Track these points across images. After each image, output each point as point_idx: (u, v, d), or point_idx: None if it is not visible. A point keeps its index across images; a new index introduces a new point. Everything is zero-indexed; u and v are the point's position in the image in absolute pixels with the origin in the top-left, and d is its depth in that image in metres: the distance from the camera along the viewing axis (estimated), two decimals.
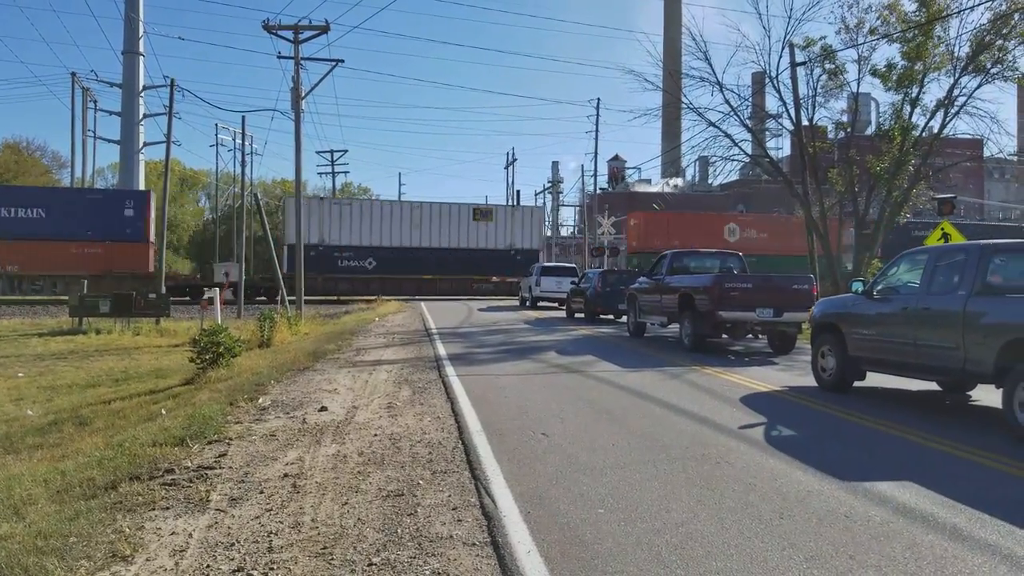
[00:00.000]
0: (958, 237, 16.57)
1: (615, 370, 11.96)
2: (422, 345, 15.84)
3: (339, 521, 4.62)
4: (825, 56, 25.92)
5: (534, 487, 5.32)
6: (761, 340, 16.26)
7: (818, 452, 6.46)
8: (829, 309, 10.45)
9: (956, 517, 4.68)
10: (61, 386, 13.53)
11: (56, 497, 5.53)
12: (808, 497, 5.08)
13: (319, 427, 7.44)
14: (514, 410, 8.36)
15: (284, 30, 25.55)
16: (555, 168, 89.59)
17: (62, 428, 9.81)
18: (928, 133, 25.94)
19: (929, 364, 8.31)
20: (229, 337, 13.03)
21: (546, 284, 32.16)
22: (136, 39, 47.09)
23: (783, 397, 9.51)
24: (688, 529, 4.45)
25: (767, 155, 30.10)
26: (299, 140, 26.71)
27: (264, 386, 10.21)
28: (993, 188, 76.56)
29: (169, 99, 29.58)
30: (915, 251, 9.60)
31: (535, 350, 15.01)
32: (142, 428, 8.18)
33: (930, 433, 7.21)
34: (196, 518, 4.69)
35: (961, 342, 7.71)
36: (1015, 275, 8.07)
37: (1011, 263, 8.19)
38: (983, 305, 7.57)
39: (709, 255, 19.03)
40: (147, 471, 5.85)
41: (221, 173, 73.76)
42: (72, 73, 49.84)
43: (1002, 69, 24.24)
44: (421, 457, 6.22)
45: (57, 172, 72.12)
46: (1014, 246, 8.66)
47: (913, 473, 5.68)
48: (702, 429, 7.40)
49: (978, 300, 7.64)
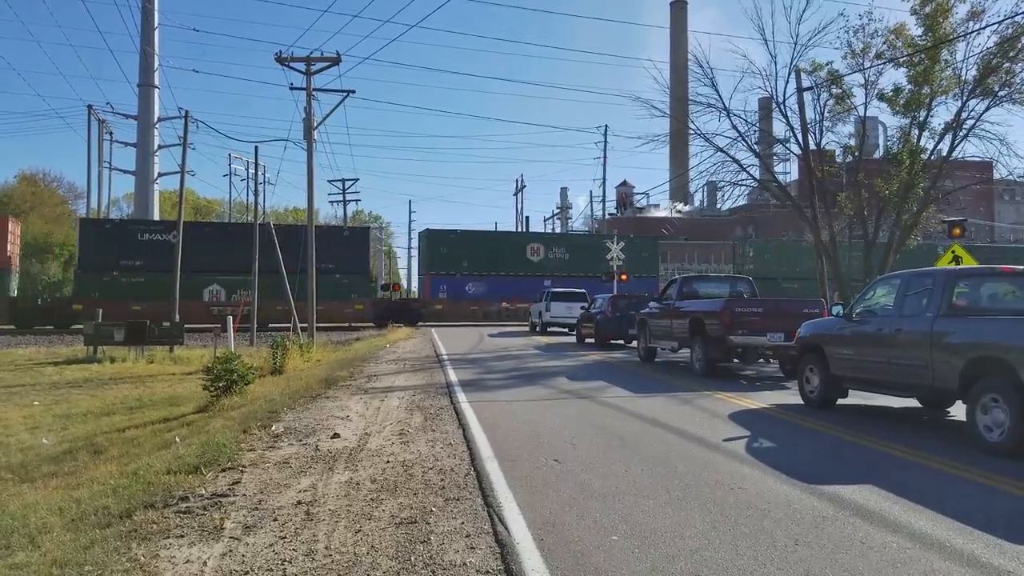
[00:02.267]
0: (969, 260, 16.53)
1: (626, 396, 11.94)
2: (433, 371, 15.85)
3: (352, 549, 4.63)
4: (832, 81, 26.08)
5: (547, 514, 5.32)
6: (773, 364, 16.19)
7: (831, 476, 6.43)
8: (813, 331, 11.02)
9: (973, 544, 4.65)
10: (76, 414, 13.60)
11: (71, 525, 5.56)
12: (823, 523, 5.05)
13: (332, 454, 7.46)
14: (526, 436, 8.36)
15: (296, 62, 25.93)
16: (563, 194, 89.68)
17: (77, 456, 9.85)
18: (937, 156, 26.02)
19: (902, 382, 8.88)
20: (242, 364, 13.09)
21: (556, 309, 32.14)
22: (151, 72, 47.89)
23: (794, 421, 9.47)
24: (703, 556, 4.43)
25: (775, 180, 30.16)
26: (311, 169, 26.99)
27: (277, 413, 10.24)
28: (1004, 210, 76.30)
29: (184, 130, 30.07)
30: (889, 276, 10.33)
31: (546, 376, 15.00)
32: (156, 456, 8.21)
33: (945, 457, 7.17)
34: (210, 546, 4.71)
35: (929, 360, 8.22)
36: (978, 298, 8.65)
37: (975, 287, 8.76)
38: (948, 326, 8.10)
39: (719, 279, 19.03)
40: (161, 499, 5.88)
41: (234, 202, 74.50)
42: (88, 106, 50.63)
43: (1010, 92, 24.34)
44: (434, 484, 6.22)
45: (73, 203, 73.10)
46: (977, 272, 9.39)
47: (932, 500, 5.64)
48: (714, 455, 7.38)
49: (944, 321, 8.18)
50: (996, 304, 8.60)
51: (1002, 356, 7.23)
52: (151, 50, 46.65)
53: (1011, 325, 7.59)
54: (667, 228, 64.03)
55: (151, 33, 47.39)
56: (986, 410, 7.40)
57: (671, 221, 69.91)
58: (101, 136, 52.23)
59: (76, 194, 72.41)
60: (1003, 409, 7.15)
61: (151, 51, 46.59)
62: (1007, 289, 8.80)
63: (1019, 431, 6.95)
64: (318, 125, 26.70)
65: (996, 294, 8.74)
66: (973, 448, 7.48)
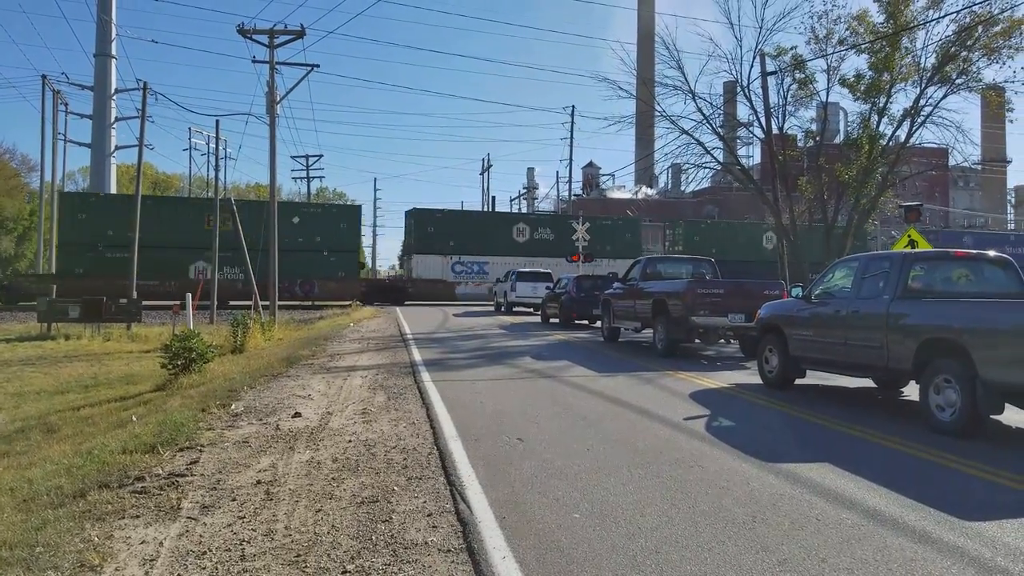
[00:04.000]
0: (924, 244, 16.89)
1: (589, 375, 12.01)
2: (397, 351, 15.78)
3: (313, 528, 4.59)
4: (795, 66, 26.36)
5: (509, 492, 5.33)
6: (733, 344, 16.42)
7: (789, 455, 6.54)
8: (773, 312, 11.22)
9: (925, 521, 4.77)
10: (28, 393, 13.29)
11: (22, 506, 5.43)
12: (780, 501, 5.14)
13: (293, 433, 7.39)
14: (489, 415, 8.36)
15: (259, 34, 25.37)
16: (530, 174, 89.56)
17: (29, 435, 9.63)
18: (895, 142, 26.48)
19: (858, 362, 9.07)
20: (201, 343, 12.88)
21: (521, 289, 32.17)
22: (108, 41, 46.49)
23: (754, 401, 9.61)
24: (663, 533, 4.48)
25: (738, 163, 30.46)
26: (274, 144, 26.52)
27: (237, 392, 10.10)
28: (958, 196, 78.12)
29: (142, 102, 29.29)
30: (848, 258, 10.46)
31: (510, 355, 15.02)
32: (112, 435, 8.06)
33: (898, 436, 7.34)
34: (167, 526, 4.64)
35: (885, 341, 8.41)
36: (933, 281, 8.81)
37: (929, 271, 8.92)
38: (904, 308, 8.28)
39: (682, 260, 19.18)
40: (117, 479, 5.77)
41: (194, 177, 73.03)
42: (42, 75, 48.83)
43: (967, 80, 24.84)
44: (396, 463, 6.19)
45: (27, 176, 70.97)
46: (933, 255, 9.59)
47: (886, 478, 5.77)
48: (675, 433, 7.46)
49: (899, 303, 8.37)
50: (950, 287, 8.79)
51: (955, 338, 7.39)
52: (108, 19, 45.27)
53: (964, 308, 7.77)
54: (632, 210, 64.35)
55: (108, 1, 45.97)
56: (939, 390, 7.58)
57: (636, 203, 70.28)
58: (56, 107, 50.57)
59: (29, 167, 70.24)
60: (955, 389, 7.33)
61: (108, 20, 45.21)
62: (961, 273, 9.00)
63: (970, 411, 7.14)
64: (281, 100, 26.24)
65: (950, 277, 8.93)
66: (926, 428, 7.67)
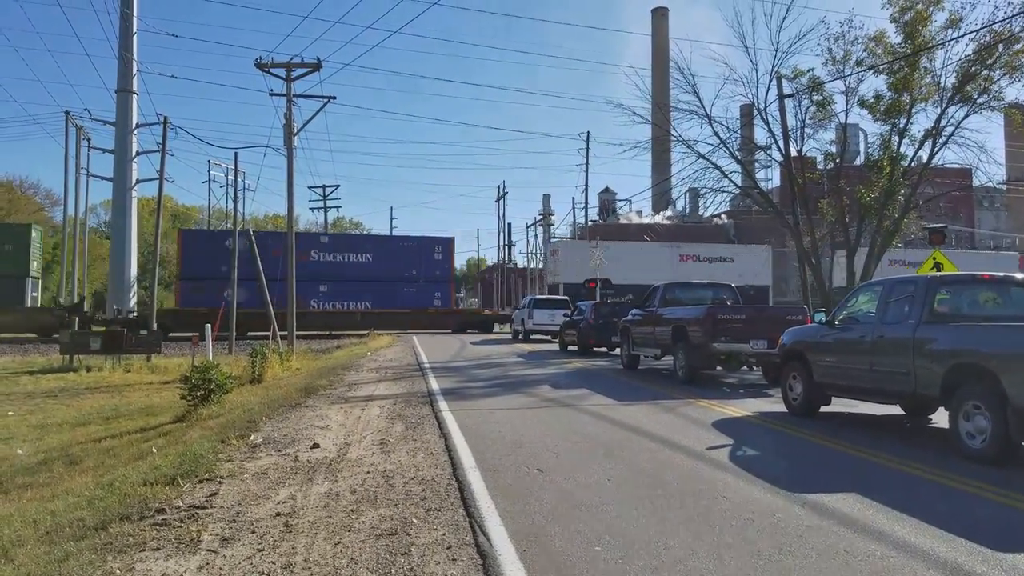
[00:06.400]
0: (950, 267, 16.68)
1: (609, 404, 11.90)
2: (414, 380, 15.75)
3: (332, 561, 4.54)
4: (813, 88, 26.26)
5: (529, 524, 5.25)
6: (756, 371, 16.23)
7: (815, 484, 6.42)
8: (796, 338, 11.01)
9: (956, 552, 4.64)
10: (51, 424, 13.39)
11: (45, 538, 5.44)
12: (807, 532, 5.03)
13: (311, 464, 7.36)
14: (508, 445, 8.29)
15: (276, 68, 25.79)
16: (546, 201, 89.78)
17: (52, 467, 9.69)
18: (917, 163, 26.21)
19: (885, 388, 8.87)
20: (220, 374, 12.94)
21: (539, 317, 32.12)
22: (130, 77, 47.33)
23: (778, 429, 9.47)
24: (687, 566, 4.39)
25: (757, 186, 30.34)
26: (291, 176, 26.80)
27: (255, 423, 10.11)
28: (983, 217, 77.26)
29: (162, 137, 29.77)
30: (872, 283, 10.36)
31: (528, 384, 14.94)
32: (132, 467, 8.08)
33: (927, 465, 7.19)
34: (187, 559, 4.61)
35: (912, 367, 8.22)
36: (960, 305, 8.66)
37: (956, 294, 8.78)
38: (930, 333, 8.10)
39: (702, 286, 19.06)
40: (137, 511, 5.76)
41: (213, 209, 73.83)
42: (66, 112, 49.96)
43: (988, 99, 24.56)
44: (415, 495, 6.14)
45: (50, 210, 72.24)
46: (959, 278, 9.42)
47: (915, 508, 5.64)
48: (698, 463, 7.35)
49: (926, 328, 8.19)
50: (978, 311, 8.64)
51: (984, 363, 7.25)
52: (130, 56, 46.17)
53: (993, 332, 7.63)
54: (650, 235, 64.21)
55: (130, 39, 46.85)
56: (968, 417, 7.42)
57: (653, 228, 70.11)
58: (79, 142, 51.54)
59: (53, 201, 71.59)
60: (985, 416, 7.18)
61: (130, 56, 46.12)
62: (988, 296, 8.86)
63: (1001, 438, 6.98)
64: (298, 131, 26.57)
65: (977, 301, 8.79)
66: (955, 455, 7.50)
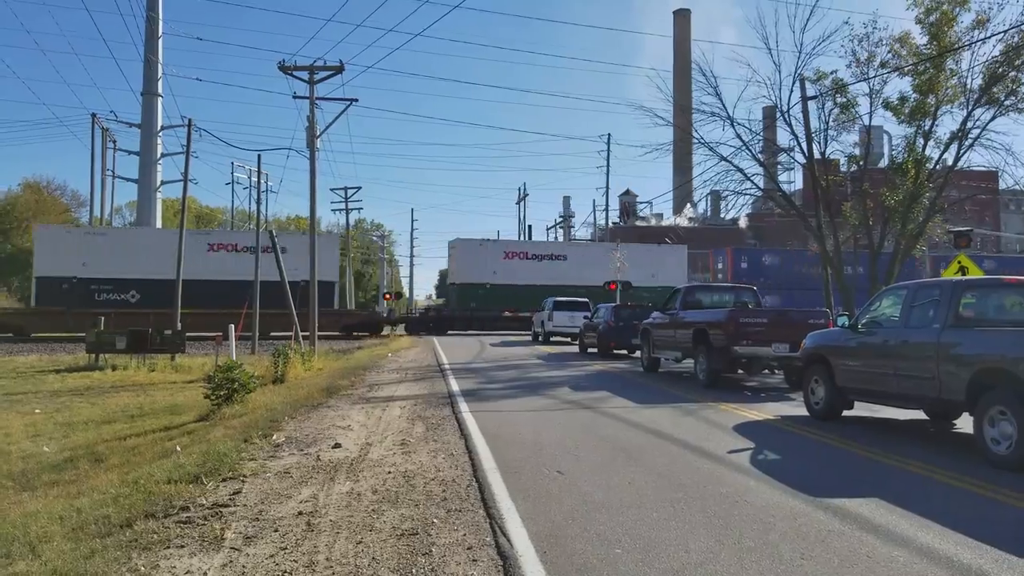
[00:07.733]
0: (975, 270, 16.48)
1: (630, 406, 11.88)
2: (435, 381, 15.81)
3: (353, 560, 4.58)
4: (836, 90, 25.97)
5: (550, 526, 5.26)
6: (778, 375, 16.11)
7: (837, 489, 6.37)
8: (818, 342, 10.94)
9: (981, 558, 4.59)
10: (77, 422, 13.55)
11: (72, 535, 5.52)
12: (828, 537, 4.99)
13: (333, 464, 7.42)
14: (528, 447, 8.31)
15: (299, 71, 25.95)
16: (566, 203, 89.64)
17: (78, 465, 9.81)
18: (942, 166, 25.85)
19: (908, 393, 8.80)
20: (244, 373, 13.05)
21: (559, 319, 32.08)
22: (155, 80, 48.02)
23: (800, 433, 9.40)
24: (708, 570, 4.38)
25: (779, 189, 30.08)
26: (314, 178, 26.98)
27: (278, 422, 10.20)
28: (1010, 220, 76.12)
29: (187, 139, 30.06)
30: (896, 286, 10.24)
31: (548, 386, 14.94)
32: (157, 465, 8.17)
33: (951, 471, 7.11)
34: (211, 557, 4.67)
35: (936, 372, 8.15)
36: (985, 309, 8.59)
37: (981, 298, 8.70)
38: (955, 337, 8.03)
39: (723, 289, 18.95)
40: (162, 509, 5.84)
41: (236, 210, 74.63)
42: (92, 114, 50.80)
43: (1016, 101, 24.15)
44: (435, 495, 6.17)
45: (76, 211, 73.31)
46: (984, 282, 9.40)
47: (939, 513, 5.58)
48: (719, 467, 7.32)
49: (951, 332, 8.12)
50: (1003, 315, 8.55)
51: (1009, 368, 7.17)
52: (155, 59, 46.81)
53: (1018, 336, 7.53)
54: (671, 237, 63.96)
55: (155, 42, 47.55)
56: (993, 422, 7.34)
57: (675, 230, 69.83)
58: (104, 144, 52.38)
59: (79, 202, 72.68)
60: (1011, 421, 7.09)
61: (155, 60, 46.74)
62: (1014, 300, 8.75)
63: None
64: (321, 134, 26.75)
65: (1003, 305, 8.69)
66: (980, 461, 7.42)
